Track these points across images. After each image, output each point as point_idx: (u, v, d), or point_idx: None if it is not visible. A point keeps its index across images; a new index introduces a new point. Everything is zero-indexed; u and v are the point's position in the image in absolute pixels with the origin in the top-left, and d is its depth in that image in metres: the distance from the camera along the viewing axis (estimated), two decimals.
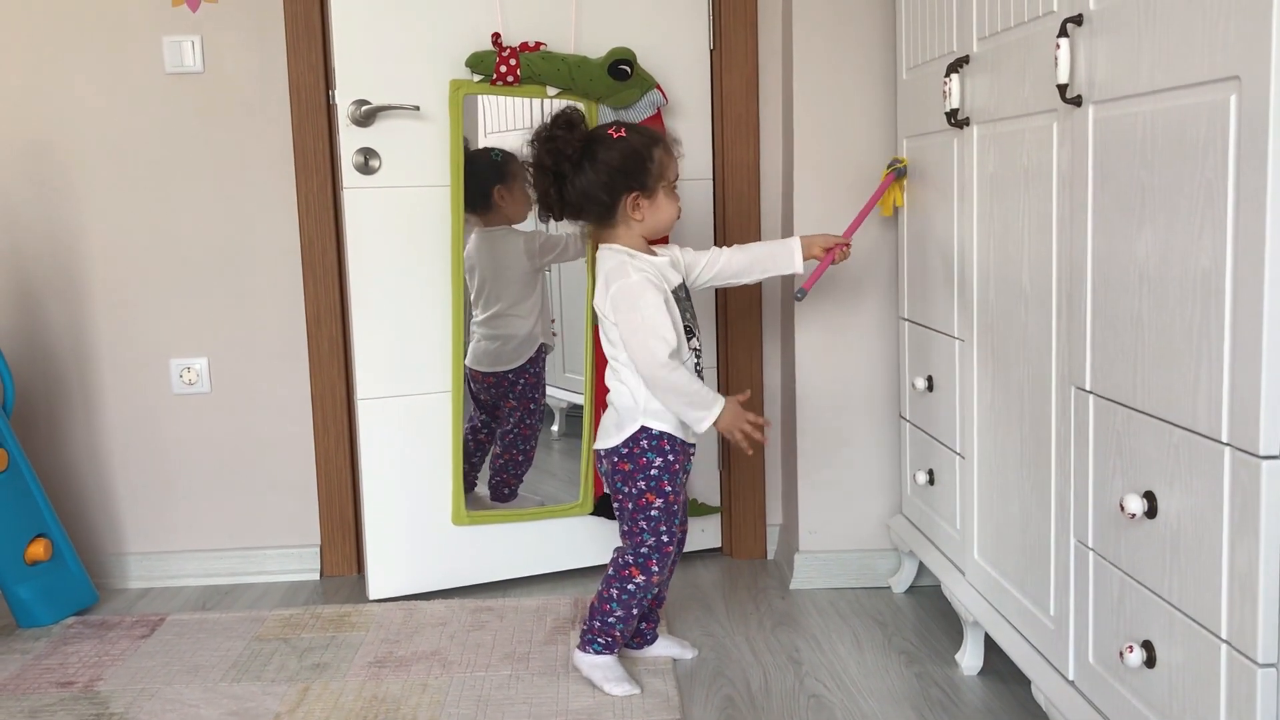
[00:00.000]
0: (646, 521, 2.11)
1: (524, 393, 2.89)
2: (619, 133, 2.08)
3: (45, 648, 2.44)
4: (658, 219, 2.10)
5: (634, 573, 2.12)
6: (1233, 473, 1.26)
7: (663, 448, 2.08)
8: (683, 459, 2.13)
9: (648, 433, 2.08)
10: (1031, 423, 1.82)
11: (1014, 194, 1.84)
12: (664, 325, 2.01)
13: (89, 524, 2.85)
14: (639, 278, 2.04)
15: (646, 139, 2.10)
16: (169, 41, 2.71)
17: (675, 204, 2.12)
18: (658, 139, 2.12)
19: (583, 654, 2.17)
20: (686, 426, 2.09)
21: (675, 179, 2.13)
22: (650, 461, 2.09)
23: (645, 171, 2.07)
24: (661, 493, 2.09)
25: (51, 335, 2.80)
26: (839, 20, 2.58)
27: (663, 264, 2.12)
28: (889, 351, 2.65)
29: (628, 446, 2.09)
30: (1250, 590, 1.24)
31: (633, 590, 2.12)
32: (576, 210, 2.11)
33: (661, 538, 2.11)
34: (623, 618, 2.14)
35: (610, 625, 2.15)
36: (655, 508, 2.10)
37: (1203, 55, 1.27)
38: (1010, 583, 1.95)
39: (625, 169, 2.06)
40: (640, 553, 2.12)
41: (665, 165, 2.10)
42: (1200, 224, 1.29)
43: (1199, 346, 1.31)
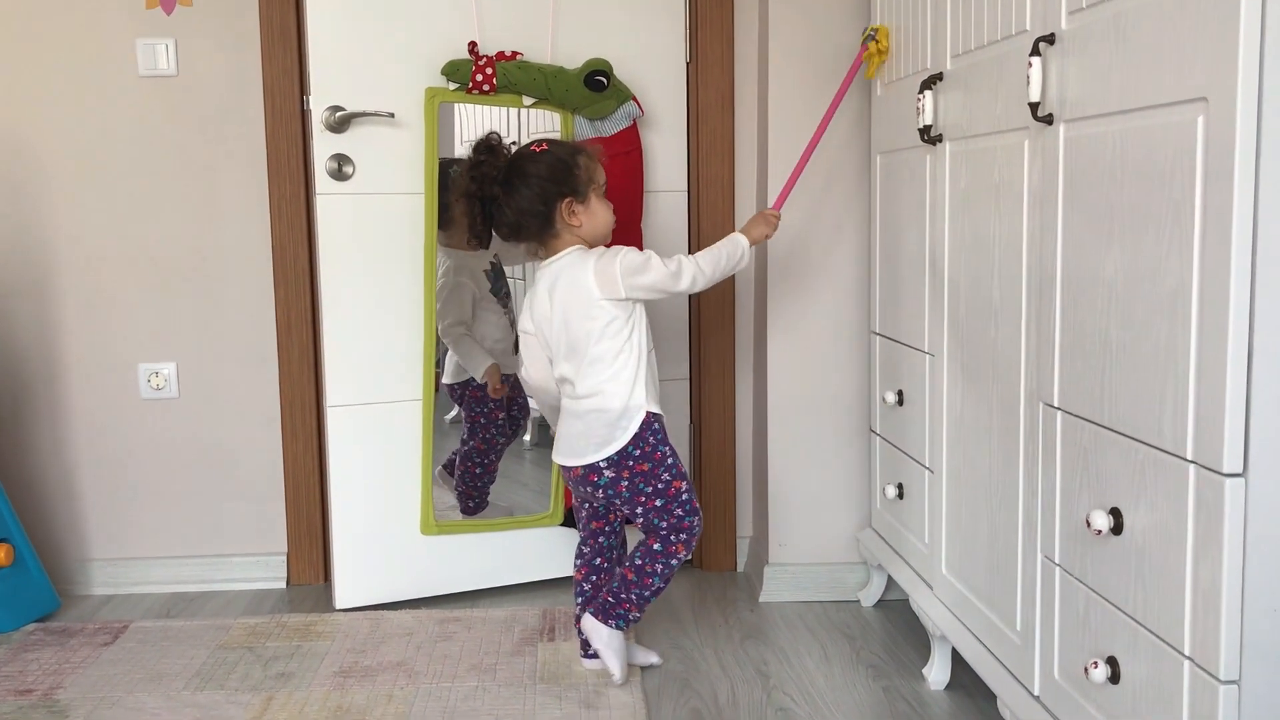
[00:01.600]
0: (682, 507, 2.15)
1: (472, 406, 2.87)
2: (541, 148, 2.17)
3: (4, 655, 2.41)
4: (595, 224, 2.18)
5: (679, 549, 2.15)
6: (1197, 490, 1.27)
7: (663, 434, 2.15)
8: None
9: (649, 424, 2.12)
10: (1000, 438, 1.83)
11: (985, 210, 1.86)
12: (666, 260, 2.14)
13: (53, 529, 2.82)
14: (626, 251, 2.14)
15: (569, 149, 2.19)
16: (143, 44, 2.69)
17: (610, 209, 2.20)
18: (580, 149, 2.21)
19: (610, 629, 2.17)
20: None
21: (604, 184, 2.21)
22: (664, 453, 2.14)
23: (574, 178, 2.15)
24: (682, 475, 2.16)
25: (19, 337, 2.76)
26: (815, 35, 2.59)
27: None
28: (860, 365, 2.66)
29: (638, 446, 2.12)
30: (1213, 607, 1.25)
31: (674, 565, 2.17)
32: (516, 229, 2.17)
33: (698, 510, 2.18)
34: (657, 593, 2.17)
35: (646, 599, 2.17)
36: (685, 491, 2.16)
37: (1171, 77, 1.28)
38: (978, 597, 1.96)
39: (554, 178, 2.13)
40: (690, 529, 2.16)
41: (592, 171, 2.17)
42: (1168, 243, 1.30)
43: (1165, 364, 1.32)
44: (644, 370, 2.14)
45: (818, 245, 2.63)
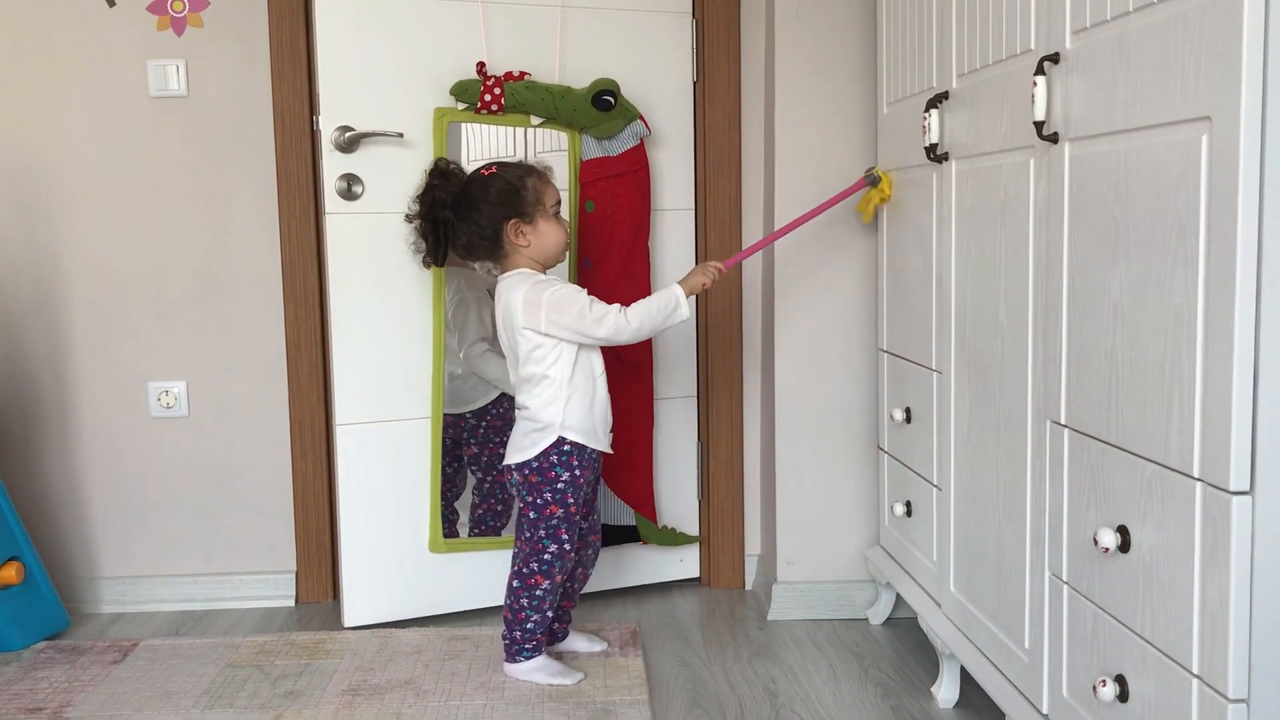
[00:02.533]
0: (548, 530, 2.25)
1: (487, 437, 2.83)
2: (490, 170, 2.26)
3: (15, 673, 2.41)
4: (544, 244, 2.25)
5: (539, 580, 2.26)
6: (1204, 507, 1.27)
7: (571, 463, 2.23)
8: (588, 472, 2.27)
9: (559, 448, 2.22)
10: (1007, 456, 1.83)
11: (991, 229, 1.86)
12: (593, 305, 2.19)
13: (63, 547, 2.83)
14: (559, 286, 2.22)
15: (518, 171, 2.26)
16: (154, 65, 2.71)
17: (560, 229, 2.27)
18: (530, 170, 2.27)
19: (515, 664, 2.31)
20: (605, 437, 2.28)
21: (555, 205, 2.27)
22: (558, 475, 2.23)
23: (521, 200, 2.22)
24: (564, 504, 2.24)
25: (29, 356, 2.78)
26: (821, 55, 2.61)
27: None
28: (868, 383, 2.66)
29: (539, 461, 2.23)
30: (1221, 625, 1.25)
31: (541, 595, 2.27)
32: (468, 250, 2.30)
33: (564, 545, 2.26)
34: (539, 622, 2.29)
35: (530, 632, 2.29)
36: (557, 518, 2.25)
37: (1175, 95, 1.29)
38: (985, 615, 1.95)
39: (500, 200, 2.22)
40: (544, 560, 2.25)
41: (541, 192, 2.24)
42: (1173, 261, 1.30)
43: (1171, 382, 1.32)
44: (573, 397, 2.22)
45: (825, 262, 2.64)
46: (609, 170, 2.66)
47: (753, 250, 2.43)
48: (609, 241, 2.68)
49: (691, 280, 2.25)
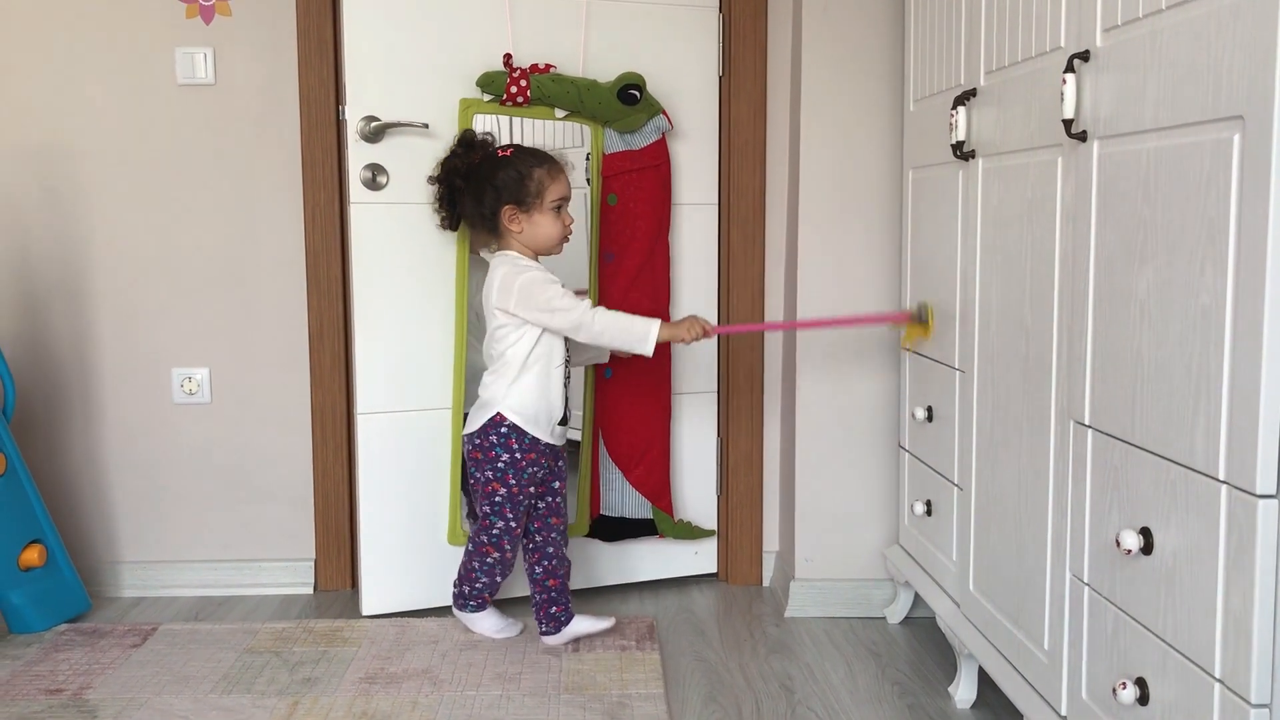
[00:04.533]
0: (491, 507, 2.35)
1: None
2: (506, 152, 2.34)
3: (36, 654, 2.43)
4: (535, 235, 2.32)
5: (489, 550, 2.38)
6: (1229, 511, 1.26)
7: (509, 445, 2.32)
8: (534, 457, 2.34)
9: (498, 427, 2.31)
10: (1030, 456, 1.82)
11: (1017, 227, 1.85)
12: (560, 298, 2.26)
13: (85, 531, 2.85)
14: (536, 273, 2.30)
15: (530, 159, 2.32)
16: (181, 53, 2.73)
17: (558, 223, 2.32)
18: (543, 160, 2.32)
19: (463, 612, 2.49)
20: (548, 427, 2.34)
21: (560, 200, 2.32)
22: (497, 455, 2.32)
23: (523, 189, 2.29)
24: (505, 484, 2.33)
25: (54, 341, 2.80)
26: (848, 51, 2.60)
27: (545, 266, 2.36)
28: (890, 381, 2.65)
29: (480, 436, 2.33)
30: (1244, 629, 1.23)
31: (491, 564, 2.40)
32: (470, 222, 2.42)
33: (509, 523, 2.36)
34: (487, 584, 2.43)
35: (479, 590, 2.44)
36: (499, 495, 2.34)
37: (1207, 94, 1.27)
38: (1005, 616, 1.94)
39: (503, 185, 2.30)
40: (491, 534, 2.37)
41: (545, 185, 2.30)
42: (1201, 261, 1.29)
43: (1198, 383, 1.31)
44: (522, 379, 2.31)
45: (848, 259, 2.63)
46: (632, 164, 2.66)
47: (749, 329, 2.40)
48: (631, 235, 2.68)
49: (673, 329, 2.29)
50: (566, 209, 2.34)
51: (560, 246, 2.37)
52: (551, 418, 2.35)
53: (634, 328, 2.26)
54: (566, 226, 2.34)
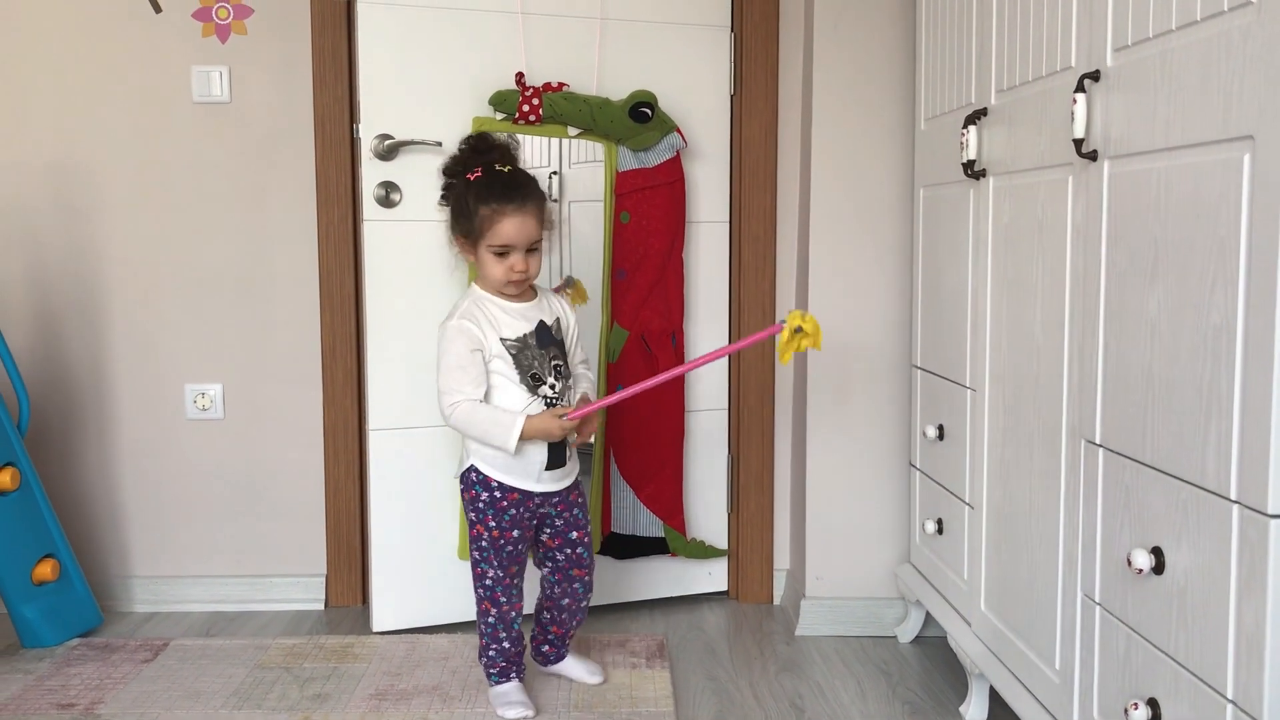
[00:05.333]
0: (479, 552, 2.18)
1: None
2: (474, 174, 2.11)
3: (48, 669, 2.44)
4: (482, 271, 2.13)
5: (487, 607, 2.20)
6: (1241, 531, 1.25)
7: (489, 483, 2.14)
8: (516, 498, 2.15)
9: (474, 471, 2.16)
10: (1041, 475, 1.82)
11: (1028, 246, 1.85)
12: (450, 375, 2.08)
13: (98, 546, 2.86)
14: (454, 324, 2.10)
15: (487, 191, 2.08)
16: (197, 71, 2.75)
17: (498, 269, 2.09)
18: (503, 196, 2.07)
19: (489, 686, 2.26)
20: (531, 475, 2.14)
21: (504, 246, 2.08)
22: (477, 495, 2.16)
23: (469, 221, 2.10)
24: (486, 526, 2.15)
25: (69, 356, 2.82)
26: (859, 69, 2.60)
27: (500, 312, 2.13)
28: (901, 399, 2.65)
29: (464, 479, 2.19)
30: (1257, 650, 1.23)
31: (492, 622, 2.20)
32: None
33: (498, 571, 2.17)
34: (498, 651, 2.22)
35: (492, 659, 2.23)
36: (483, 540, 2.16)
37: (1217, 114, 1.28)
38: (1016, 635, 1.94)
39: (455, 210, 2.14)
40: (485, 584, 2.19)
41: (486, 225, 2.07)
42: (1212, 281, 1.29)
43: (1209, 403, 1.31)
44: None
45: (859, 277, 2.64)
46: (645, 182, 2.67)
47: (615, 399, 2.16)
48: (643, 253, 2.69)
49: (537, 425, 2.06)
50: (520, 254, 2.08)
51: (510, 289, 2.13)
52: (531, 466, 2.13)
53: (495, 430, 2.06)
54: (513, 270, 2.08)
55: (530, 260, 2.11)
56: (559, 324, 2.21)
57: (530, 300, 2.19)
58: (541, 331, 2.16)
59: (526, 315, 2.16)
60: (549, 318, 2.19)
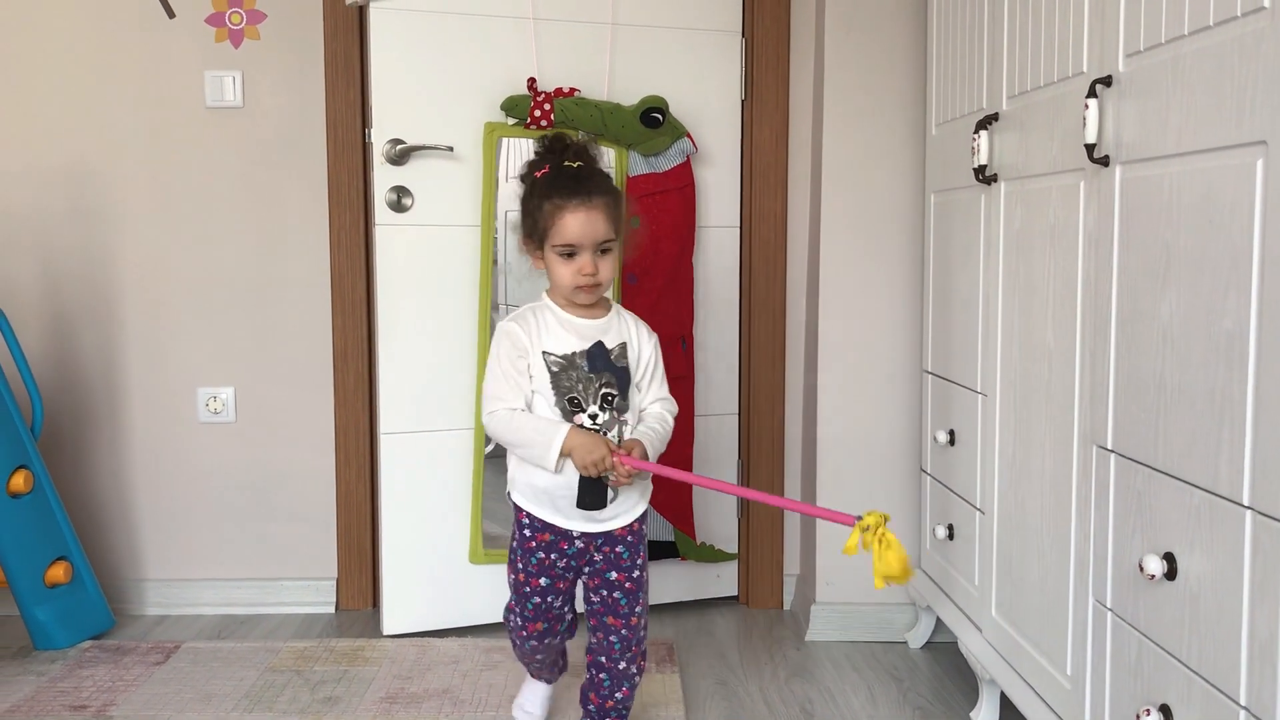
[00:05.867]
0: (510, 588, 2.00)
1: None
2: (541, 170, 1.92)
3: (60, 671, 2.45)
4: (550, 276, 1.93)
5: (513, 633, 2.03)
6: (1254, 536, 1.25)
7: (520, 519, 1.96)
8: (548, 539, 1.93)
9: (511, 498, 1.99)
10: (1052, 480, 1.82)
11: (1039, 251, 1.85)
12: (493, 380, 1.90)
13: (110, 548, 2.87)
14: (504, 326, 1.93)
15: (552, 187, 1.88)
16: (210, 76, 2.76)
17: (568, 272, 1.88)
18: (569, 190, 1.87)
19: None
20: (562, 509, 1.91)
21: (568, 246, 1.87)
22: (515, 532, 1.98)
23: (532, 221, 1.91)
24: (514, 567, 1.97)
25: (82, 360, 2.83)
26: (870, 75, 2.61)
27: (554, 322, 1.92)
28: (911, 404, 2.65)
29: (513, 509, 2.00)
30: (1270, 656, 1.23)
31: (517, 644, 2.04)
32: None
33: (517, 619, 1.98)
34: (524, 661, 2.12)
35: (520, 659, 2.12)
36: (512, 577, 1.98)
37: (1230, 119, 1.27)
38: (1027, 641, 1.93)
39: (523, 211, 1.94)
40: (509, 623, 2.02)
41: (552, 222, 1.87)
42: (1225, 286, 1.29)
43: (1221, 408, 1.30)
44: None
45: (871, 282, 2.63)
46: (655, 186, 2.67)
47: (668, 474, 1.87)
48: (654, 257, 2.69)
49: (579, 442, 1.83)
50: (589, 255, 1.87)
51: (581, 296, 1.91)
52: (560, 502, 1.90)
53: (536, 442, 1.85)
54: (582, 274, 1.87)
55: (602, 263, 1.89)
56: (623, 349, 1.95)
57: (599, 317, 1.96)
58: (596, 353, 1.92)
59: (583, 332, 1.93)
60: (612, 340, 1.94)
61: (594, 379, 1.90)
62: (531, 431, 1.86)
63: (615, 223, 1.90)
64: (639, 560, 1.97)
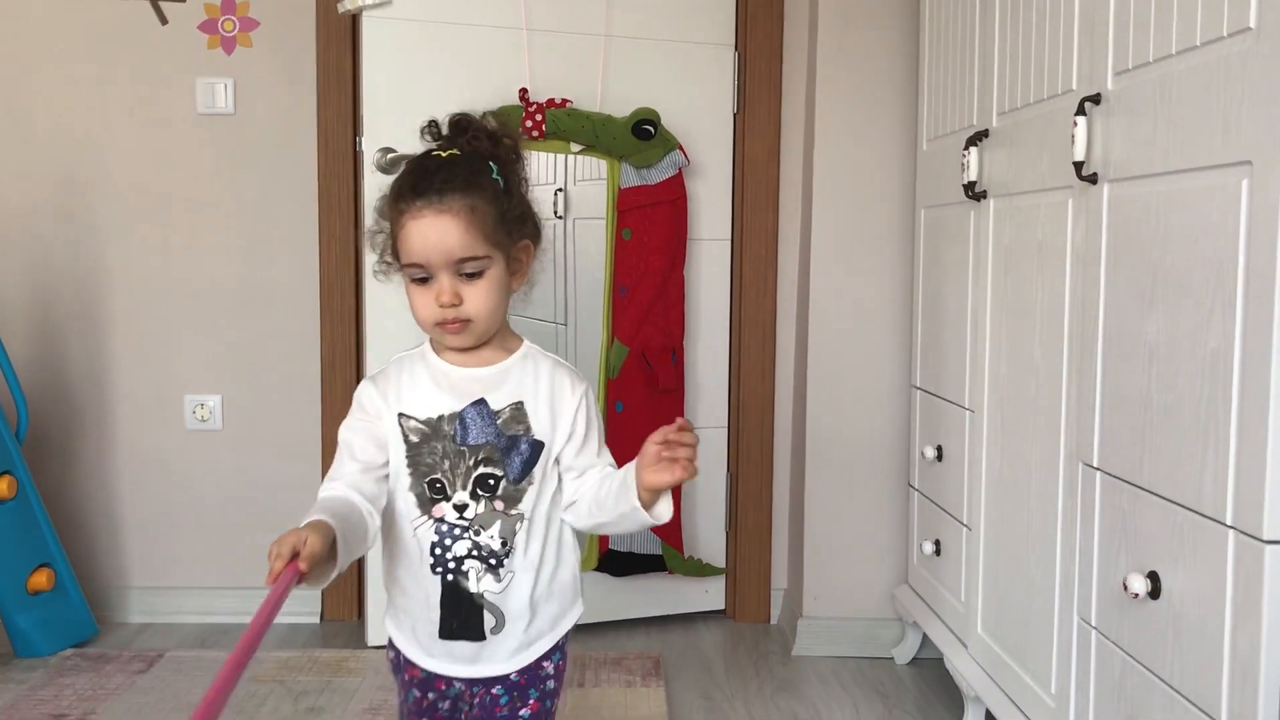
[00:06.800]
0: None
1: None
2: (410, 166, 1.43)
3: (41, 679, 2.44)
4: (413, 313, 1.40)
5: None
6: (1236, 556, 1.25)
7: (394, 645, 1.47)
8: (419, 676, 1.44)
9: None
10: (1038, 497, 1.81)
11: (1028, 268, 1.85)
12: (342, 455, 1.43)
13: (94, 556, 2.85)
14: (362, 384, 1.47)
15: (396, 186, 1.39)
16: (202, 83, 2.76)
17: (422, 300, 1.37)
18: (404, 193, 1.36)
19: None
20: (423, 643, 1.44)
21: (413, 264, 1.36)
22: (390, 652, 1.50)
23: (379, 231, 1.44)
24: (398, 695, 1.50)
25: (69, 366, 2.82)
26: (862, 90, 2.61)
27: (422, 374, 1.43)
28: (900, 419, 2.64)
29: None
30: (1251, 676, 1.22)
31: None
32: None
33: None
34: None
35: None
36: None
37: (1216, 139, 1.28)
38: (1012, 658, 1.93)
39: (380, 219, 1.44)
40: None
41: (396, 237, 1.38)
42: (1210, 305, 1.29)
43: (1206, 428, 1.30)
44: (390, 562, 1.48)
45: (861, 297, 2.63)
46: (647, 199, 2.67)
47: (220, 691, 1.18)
48: (644, 269, 2.69)
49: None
50: (447, 278, 1.35)
51: (447, 338, 1.39)
52: (421, 628, 1.42)
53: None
54: (438, 304, 1.35)
55: (470, 289, 1.35)
56: (518, 411, 1.40)
57: (490, 363, 1.42)
58: (473, 416, 1.38)
59: (460, 386, 1.40)
60: (502, 397, 1.39)
61: (465, 454, 1.38)
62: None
63: (486, 233, 1.35)
64: (527, 711, 1.44)
